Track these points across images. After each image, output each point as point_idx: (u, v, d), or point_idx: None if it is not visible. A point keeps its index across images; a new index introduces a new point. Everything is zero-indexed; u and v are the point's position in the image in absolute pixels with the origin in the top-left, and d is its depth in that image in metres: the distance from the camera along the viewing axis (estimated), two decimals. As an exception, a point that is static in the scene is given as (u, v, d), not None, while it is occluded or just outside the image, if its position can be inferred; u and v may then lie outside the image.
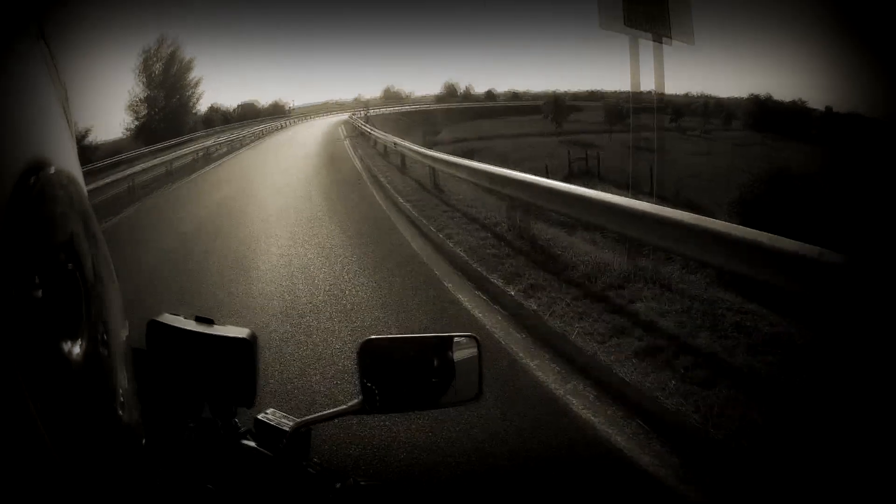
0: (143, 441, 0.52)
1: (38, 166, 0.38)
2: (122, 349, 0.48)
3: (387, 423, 2.51)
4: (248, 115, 33.18)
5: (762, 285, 3.22)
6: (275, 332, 3.66)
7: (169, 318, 0.83)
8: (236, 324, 0.84)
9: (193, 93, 28.18)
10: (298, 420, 0.85)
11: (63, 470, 0.36)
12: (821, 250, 2.65)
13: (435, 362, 0.86)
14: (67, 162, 0.43)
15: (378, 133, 18.33)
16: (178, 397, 0.82)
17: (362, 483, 0.81)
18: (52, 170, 0.40)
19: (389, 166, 13.06)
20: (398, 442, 2.47)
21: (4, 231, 0.34)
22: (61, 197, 0.40)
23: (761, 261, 2.90)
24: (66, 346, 0.38)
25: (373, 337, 0.84)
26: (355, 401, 0.83)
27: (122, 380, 0.46)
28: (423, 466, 2.39)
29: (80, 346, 0.39)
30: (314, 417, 0.85)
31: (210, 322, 0.84)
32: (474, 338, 0.90)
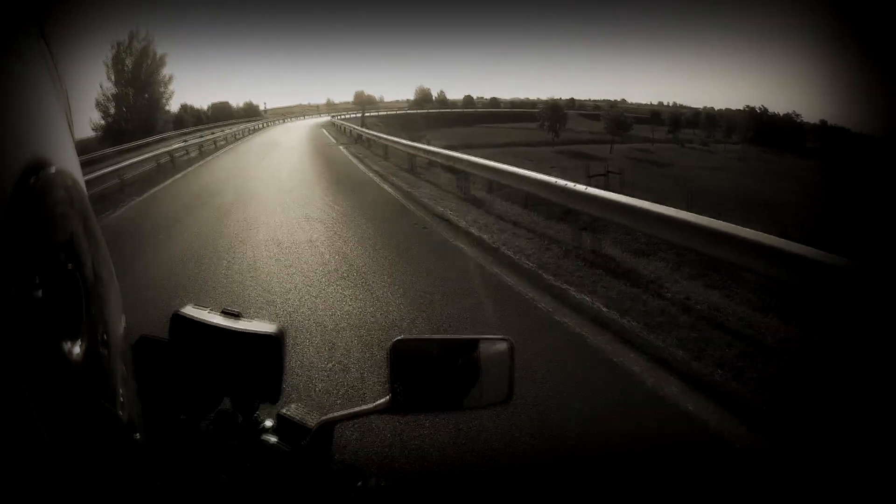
0: (144, 441, 0.53)
1: (38, 166, 0.40)
2: (122, 349, 0.49)
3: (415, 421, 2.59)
4: (222, 115, 32.99)
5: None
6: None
7: (193, 311, 0.85)
8: (264, 318, 0.86)
9: (165, 90, 28.01)
10: (323, 417, 0.86)
11: (63, 470, 0.38)
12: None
13: (465, 364, 0.88)
14: (67, 162, 0.45)
15: (393, 139, 14.99)
16: (197, 390, 0.84)
17: (383, 483, 0.84)
18: (53, 170, 0.41)
19: (436, 189, 9.79)
20: (425, 441, 2.60)
21: (4, 231, 0.36)
22: (61, 197, 0.42)
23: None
24: (66, 346, 0.39)
25: (404, 337, 0.86)
26: (382, 400, 0.85)
27: (122, 380, 0.48)
28: (448, 466, 2.45)
29: (80, 346, 0.41)
30: (340, 415, 0.86)
31: (237, 315, 0.85)
32: (507, 340, 0.91)
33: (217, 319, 0.84)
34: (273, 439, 0.86)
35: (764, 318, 4.13)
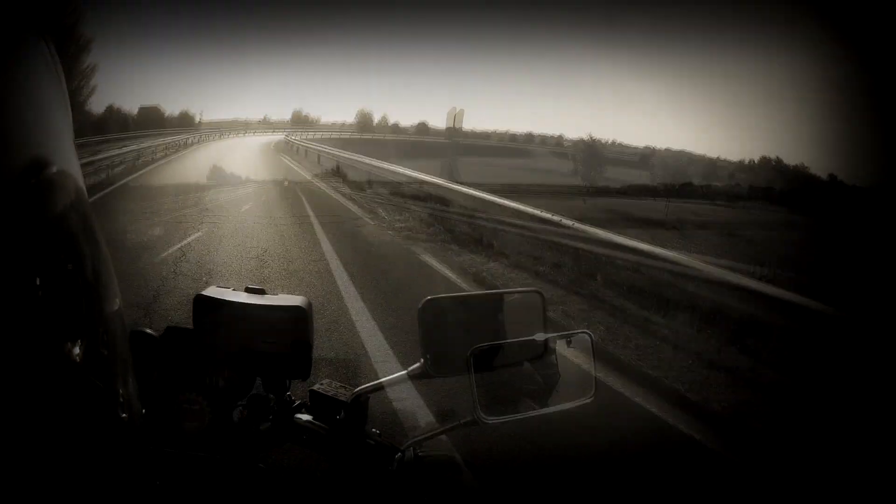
0: (146, 441, 0.58)
1: (38, 166, 0.45)
2: (122, 349, 0.54)
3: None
4: (151, 122, 31.95)
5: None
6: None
7: (217, 291, 0.90)
8: (289, 293, 0.92)
9: (86, 84, 26.69)
10: (356, 389, 0.92)
11: (63, 470, 0.42)
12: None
13: (497, 320, 0.94)
14: (67, 162, 0.50)
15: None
16: (229, 374, 0.89)
17: (421, 454, 0.89)
18: (53, 170, 0.46)
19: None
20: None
21: (4, 231, 0.40)
22: (61, 197, 0.47)
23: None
24: (66, 346, 0.44)
25: (432, 297, 0.91)
26: (416, 364, 0.90)
27: (123, 380, 0.53)
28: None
29: (80, 346, 0.45)
30: (372, 386, 0.92)
31: (262, 292, 0.91)
32: (538, 293, 0.97)
33: (242, 297, 0.90)
34: (307, 417, 0.92)
35: None
